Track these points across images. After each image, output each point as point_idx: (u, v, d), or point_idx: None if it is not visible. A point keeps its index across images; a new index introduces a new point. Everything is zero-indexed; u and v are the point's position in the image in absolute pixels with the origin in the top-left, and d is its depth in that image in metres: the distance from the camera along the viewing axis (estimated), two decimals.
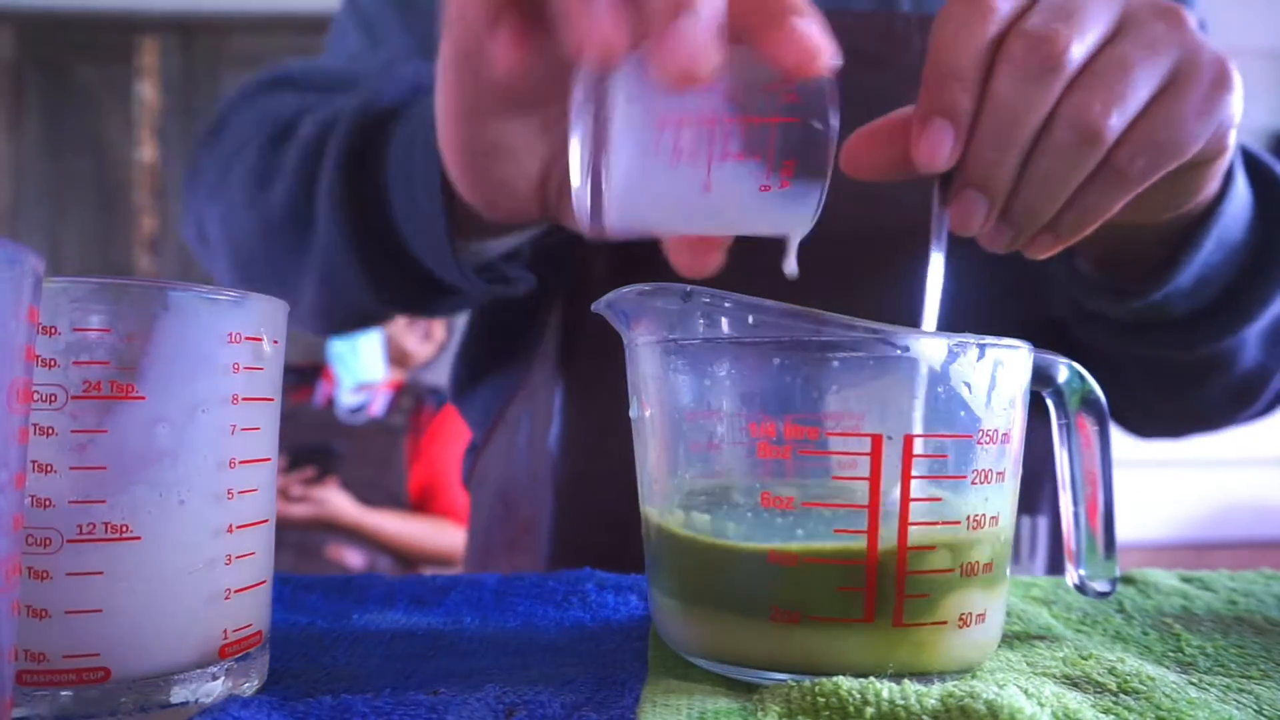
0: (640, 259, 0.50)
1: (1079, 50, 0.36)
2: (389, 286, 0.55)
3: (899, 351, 0.30)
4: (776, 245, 0.39)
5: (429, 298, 0.57)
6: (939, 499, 0.30)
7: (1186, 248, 0.49)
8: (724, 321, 0.31)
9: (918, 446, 0.30)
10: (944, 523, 0.30)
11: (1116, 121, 0.36)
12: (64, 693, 0.27)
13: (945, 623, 0.31)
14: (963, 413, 0.30)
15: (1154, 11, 0.38)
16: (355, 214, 0.53)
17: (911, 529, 0.30)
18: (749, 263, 0.42)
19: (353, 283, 0.55)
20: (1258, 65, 2.31)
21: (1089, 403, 0.37)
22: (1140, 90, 0.37)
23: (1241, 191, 0.50)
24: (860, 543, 0.30)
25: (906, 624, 0.30)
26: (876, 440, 0.29)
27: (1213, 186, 0.46)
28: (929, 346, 0.30)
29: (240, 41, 2.69)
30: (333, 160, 0.52)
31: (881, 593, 0.30)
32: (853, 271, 0.56)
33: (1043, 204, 0.39)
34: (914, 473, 0.30)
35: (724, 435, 0.31)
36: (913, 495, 0.30)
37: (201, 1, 2.65)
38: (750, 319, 0.31)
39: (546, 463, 0.67)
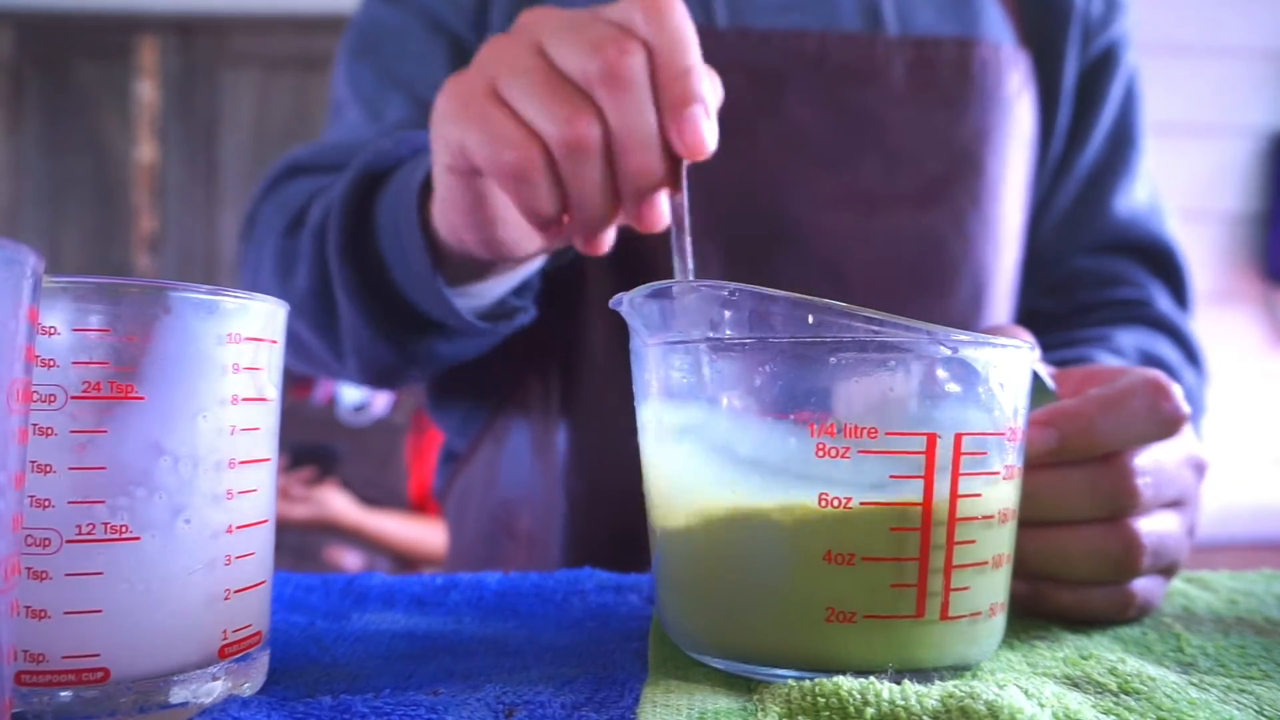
0: (642, 273, 0.52)
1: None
2: (418, 358, 0.59)
3: (949, 351, 0.30)
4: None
5: (450, 355, 0.61)
6: (979, 495, 0.31)
7: None
8: (777, 320, 0.31)
9: (965, 445, 0.30)
10: (982, 517, 0.31)
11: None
12: (64, 693, 0.27)
13: (980, 613, 0.31)
14: (996, 411, 0.31)
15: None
16: (364, 287, 0.55)
17: (958, 525, 0.30)
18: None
19: (384, 353, 0.58)
20: (1258, 65, 2.31)
21: None
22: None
23: None
24: (914, 539, 0.30)
25: (952, 617, 0.31)
26: (931, 439, 0.30)
27: None
28: (979, 348, 0.31)
29: (240, 41, 2.68)
30: (334, 245, 0.55)
31: (931, 588, 0.30)
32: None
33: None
34: (961, 470, 0.30)
35: (780, 436, 0.31)
36: (960, 492, 0.30)
37: (201, 1, 2.64)
38: (810, 319, 0.31)
39: (554, 477, 0.66)
